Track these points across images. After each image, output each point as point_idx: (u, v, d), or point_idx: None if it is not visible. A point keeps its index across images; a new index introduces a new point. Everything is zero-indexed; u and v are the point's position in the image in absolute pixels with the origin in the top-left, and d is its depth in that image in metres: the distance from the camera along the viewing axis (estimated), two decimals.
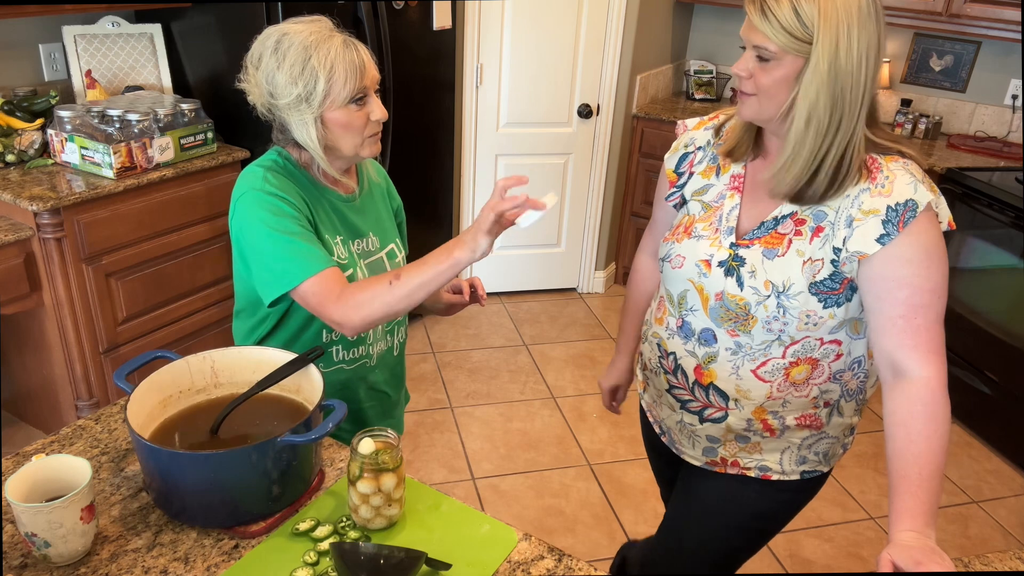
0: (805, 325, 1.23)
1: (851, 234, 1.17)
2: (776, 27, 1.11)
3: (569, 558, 1.08)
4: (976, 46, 3.58)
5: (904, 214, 1.15)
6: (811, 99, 1.12)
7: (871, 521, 2.64)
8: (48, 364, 2.52)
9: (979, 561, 1.13)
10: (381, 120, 1.34)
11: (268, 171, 1.34)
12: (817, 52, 1.10)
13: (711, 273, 1.29)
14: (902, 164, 1.19)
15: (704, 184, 1.36)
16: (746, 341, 1.29)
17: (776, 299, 1.23)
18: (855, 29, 1.09)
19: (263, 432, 1.16)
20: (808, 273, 1.21)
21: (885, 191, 1.16)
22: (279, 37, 1.28)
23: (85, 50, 2.72)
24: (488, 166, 3.72)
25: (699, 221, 1.34)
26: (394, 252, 1.52)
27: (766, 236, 1.25)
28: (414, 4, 3.03)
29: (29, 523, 0.97)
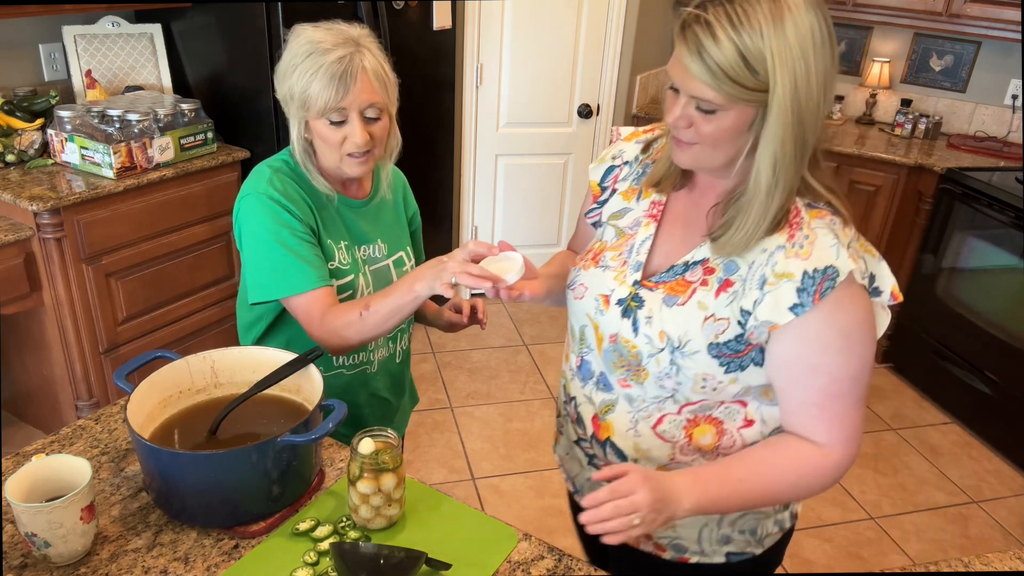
0: (702, 388, 1.07)
1: (762, 299, 1.00)
2: (720, 76, 0.92)
3: (569, 558, 1.08)
4: (976, 46, 3.58)
5: (821, 283, 0.97)
6: (776, 151, 0.96)
7: (871, 521, 2.64)
8: (48, 364, 2.52)
9: (979, 561, 1.13)
10: (359, 145, 1.30)
11: (275, 173, 1.35)
12: (776, 100, 0.93)
13: (608, 311, 1.13)
14: (828, 221, 1.01)
15: (622, 207, 1.21)
16: (638, 394, 1.12)
17: (670, 354, 1.07)
18: (812, 64, 0.93)
19: (263, 432, 1.16)
20: (709, 331, 1.04)
21: (803, 253, 0.99)
22: (299, 32, 1.31)
23: (85, 50, 2.72)
24: (488, 166, 3.72)
25: (609, 249, 1.19)
26: (402, 260, 1.50)
27: (672, 281, 1.09)
28: (414, 4, 3.03)
29: (29, 523, 0.97)
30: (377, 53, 1.32)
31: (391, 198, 1.51)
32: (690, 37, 0.93)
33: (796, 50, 0.91)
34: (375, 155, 1.36)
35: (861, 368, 1.03)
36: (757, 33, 0.90)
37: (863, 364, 1.03)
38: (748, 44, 0.91)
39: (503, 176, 3.76)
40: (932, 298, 3.32)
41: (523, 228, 3.89)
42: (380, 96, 1.30)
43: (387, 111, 1.34)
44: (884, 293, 1.05)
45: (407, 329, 1.57)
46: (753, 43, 0.91)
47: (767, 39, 0.91)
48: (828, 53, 0.94)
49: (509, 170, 3.74)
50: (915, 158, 3.30)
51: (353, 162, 1.33)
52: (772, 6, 0.91)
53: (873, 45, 3.85)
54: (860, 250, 1.03)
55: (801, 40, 0.92)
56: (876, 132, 3.70)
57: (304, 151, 1.36)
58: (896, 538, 2.57)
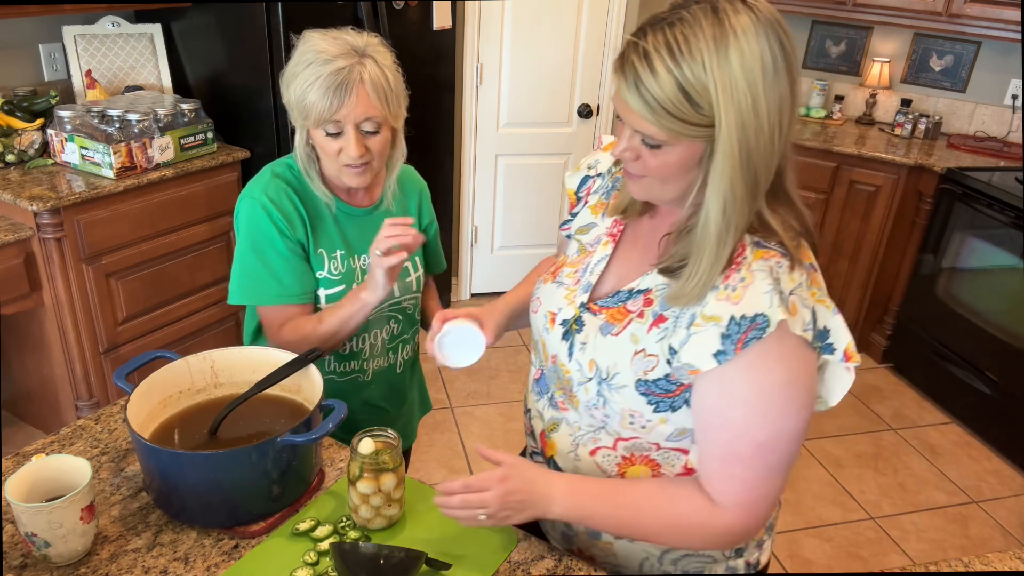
0: (630, 424, 1.01)
1: (687, 339, 0.93)
2: (660, 112, 0.85)
3: (569, 558, 1.08)
4: (976, 46, 3.58)
5: (747, 332, 0.88)
6: (725, 194, 0.88)
7: (871, 521, 2.64)
8: (48, 364, 2.52)
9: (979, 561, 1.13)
10: (353, 158, 1.30)
11: (274, 179, 1.37)
12: (723, 138, 0.85)
13: (553, 330, 1.10)
14: (772, 264, 0.91)
15: (589, 222, 1.15)
16: (575, 419, 1.09)
17: (598, 385, 1.02)
18: (762, 97, 0.84)
19: (263, 432, 1.15)
20: (638, 367, 0.98)
21: (734, 296, 0.90)
22: (306, 39, 1.31)
23: (85, 50, 2.72)
24: (488, 166, 3.72)
25: (569, 265, 1.14)
26: (407, 270, 1.48)
27: (614, 308, 1.03)
28: (414, 4, 3.03)
29: (29, 523, 0.97)
30: (384, 64, 1.29)
31: (402, 205, 1.50)
32: (628, 69, 0.86)
33: (742, 82, 0.83)
34: (373, 167, 1.35)
35: (775, 436, 0.93)
36: (699, 64, 0.82)
37: (779, 432, 0.93)
38: (689, 76, 0.83)
39: (503, 176, 3.76)
40: (932, 298, 3.32)
41: (523, 228, 3.89)
42: (378, 110, 1.28)
43: (387, 124, 1.32)
44: (837, 351, 0.94)
45: (410, 339, 1.55)
46: (694, 75, 0.83)
47: (710, 70, 0.82)
48: (783, 81, 0.85)
49: (509, 170, 3.74)
50: (915, 158, 3.30)
51: (351, 172, 1.33)
52: (716, 31, 0.83)
53: (873, 45, 3.85)
54: (809, 299, 0.92)
55: (747, 71, 0.83)
56: (876, 132, 3.70)
57: (307, 157, 1.37)
58: (896, 538, 2.57)
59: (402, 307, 1.50)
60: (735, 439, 0.94)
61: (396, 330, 1.51)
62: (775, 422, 0.92)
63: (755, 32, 0.83)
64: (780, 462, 0.95)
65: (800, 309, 0.90)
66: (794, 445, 0.95)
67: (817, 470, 2.87)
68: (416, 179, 1.58)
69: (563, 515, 1.02)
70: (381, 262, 1.24)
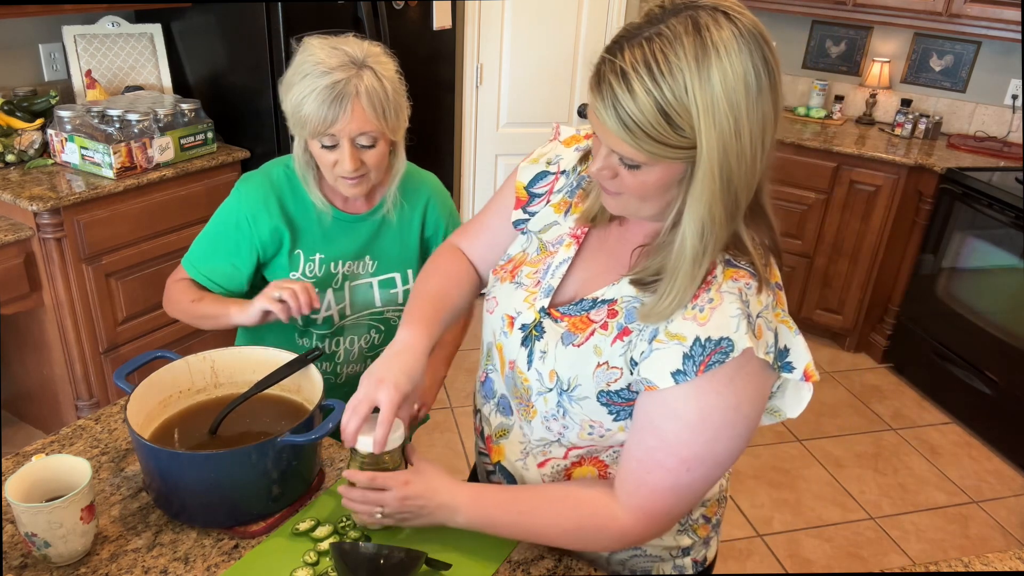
0: (588, 435, 1.00)
1: (649, 353, 0.91)
2: (639, 135, 0.81)
3: (569, 558, 1.08)
4: (976, 46, 3.58)
5: (711, 355, 0.87)
6: (704, 217, 0.84)
7: (871, 521, 2.64)
8: (48, 364, 2.52)
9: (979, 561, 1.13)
10: (348, 171, 1.30)
11: (266, 175, 1.41)
12: (703, 162, 0.81)
13: (511, 335, 1.05)
14: (741, 286, 0.89)
15: (551, 220, 1.09)
16: (528, 432, 1.07)
17: (558, 396, 0.99)
18: (744, 119, 0.80)
19: (263, 432, 1.15)
20: (600, 379, 0.96)
21: (701, 317, 0.88)
22: (306, 47, 1.30)
23: (85, 50, 2.72)
24: (488, 166, 3.72)
25: (528, 264, 1.08)
26: (393, 282, 1.47)
27: (577, 316, 0.99)
28: (414, 4, 3.03)
29: (29, 523, 0.97)
30: (384, 75, 1.28)
31: (400, 215, 1.47)
32: (604, 88, 0.82)
33: (723, 104, 0.78)
34: (370, 179, 1.35)
35: (700, 456, 0.91)
36: (680, 84, 0.78)
37: (706, 454, 0.91)
38: (669, 98, 0.78)
39: (503, 176, 3.75)
40: (932, 298, 3.32)
41: None
42: (373, 124, 1.27)
43: (384, 138, 1.32)
44: (797, 370, 0.91)
45: None
46: (675, 96, 0.78)
47: (691, 92, 0.78)
48: (767, 100, 0.81)
49: (509, 170, 3.72)
50: (915, 158, 3.30)
51: (346, 183, 1.34)
52: (698, 49, 0.78)
53: (873, 45, 3.85)
54: (773, 320, 0.90)
55: (730, 92, 0.78)
56: (876, 132, 3.70)
57: (305, 164, 1.38)
58: (896, 538, 2.57)
59: (384, 318, 1.49)
60: (660, 447, 0.92)
61: (377, 340, 1.50)
62: (705, 444, 0.91)
63: (738, 49, 0.79)
64: (696, 483, 0.94)
65: (764, 332, 0.89)
66: (716, 471, 0.93)
67: (817, 470, 2.87)
68: (427, 186, 1.54)
69: (467, 524, 1.03)
70: (264, 301, 1.29)
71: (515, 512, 1.02)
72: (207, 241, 1.43)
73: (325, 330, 1.45)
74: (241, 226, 1.38)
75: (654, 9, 0.83)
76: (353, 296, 1.45)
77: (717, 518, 1.17)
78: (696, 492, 0.96)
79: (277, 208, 1.38)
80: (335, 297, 1.43)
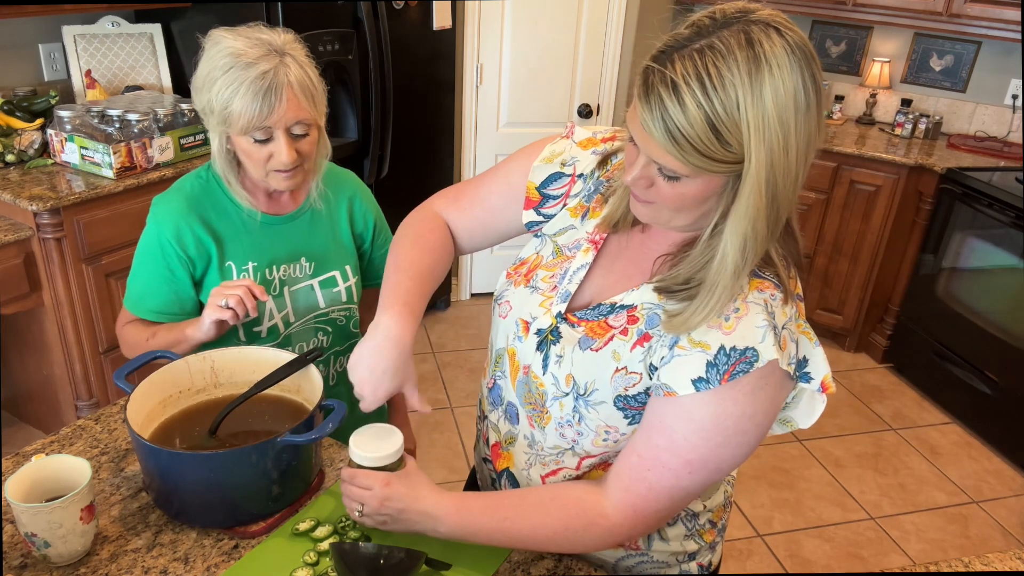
0: (604, 441, 0.99)
1: (669, 359, 0.90)
2: (687, 149, 0.79)
3: (569, 558, 1.08)
4: (976, 46, 3.58)
5: (735, 365, 0.86)
6: (747, 232, 0.84)
7: (871, 521, 2.64)
8: (48, 364, 2.52)
9: (979, 561, 1.13)
10: (285, 163, 1.26)
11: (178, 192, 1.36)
12: (750, 178, 0.80)
13: (526, 339, 1.04)
14: (767, 296, 0.89)
15: (568, 224, 1.08)
16: (539, 438, 1.05)
17: (574, 401, 0.98)
18: (792, 135, 0.79)
19: (263, 432, 1.15)
20: (619, 384, 0.95)
21: (727, 326, 0.88)
22: (217, 39, 1.26)
23: (85, 50, 2.72)
24: (488, 166, 3.70)
25: (543, 268, 1.07)
26: (334, 280, 1.43)
27: (595, 321, 0.99)
28: (414, 4, 3.03)
29: (29, 523, 0.97)
30: (303, 61, 1.26)
31: (327, 210, 1.44)
32: (653, 98, 0.79)
33: (775, 120, 0.78)
34: (304, 169, 1.32)
35: (705, 461, 0.90)
36: (732, 100, 0.77)
37: (711, 459, 0.90)
38: (720, 113, 0.77)
39: None
40: (932, 298, 3.32)
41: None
42: (307, 111, 1.25)
43: (315, 124, 1.29)
44: (814, 380, 0.92)
45: (344, 352, 1.50)
46: (727, 112, 0.77)
47: (743, 107, 0.77)
48: (813, 117, 0.80)
49: None
50: (915, 158, 3.30)
51: (280, 177, 1.30)
52: (751, 64, 0.77)
53: (873, 45, 3.85)
54: (795, 331, 0.91)
55: (781, 108, 0.78)
56: (876, 132, 3.70)
57: (227, 163, 1.32)
58: (896, 538, 2.57)
59: (330, 318, 1.45)
60: (666, 447, 0.91)
61: (326, 343, 1.46)
62: (714, 449, 0.90)
63: (790, 66, 0.78)
64: (693, 486, 0.93)
65: (788, 343, 0.89)
66: (715, 476, 0.93)
67: (817, 470, 2.87)
68: (350, 183, 1.50)
69: (450, 534, 1.00)
70: (212, 312, 1.23)
71: (499, 518, 0.98)
72: (139, 276, 1.37)
73: (271, 341, 1.39)
74: (166, 248, 1.33)
75: (703, 20, 0.81)
76: (295, 301, 1.40)
77: (723, 523, 1.17)
78: (690, 496, 0.95)
79: (197, 221, 1.33)
80: (276, 305, 1.38)
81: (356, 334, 1.51)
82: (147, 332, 1.35)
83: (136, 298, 1.38)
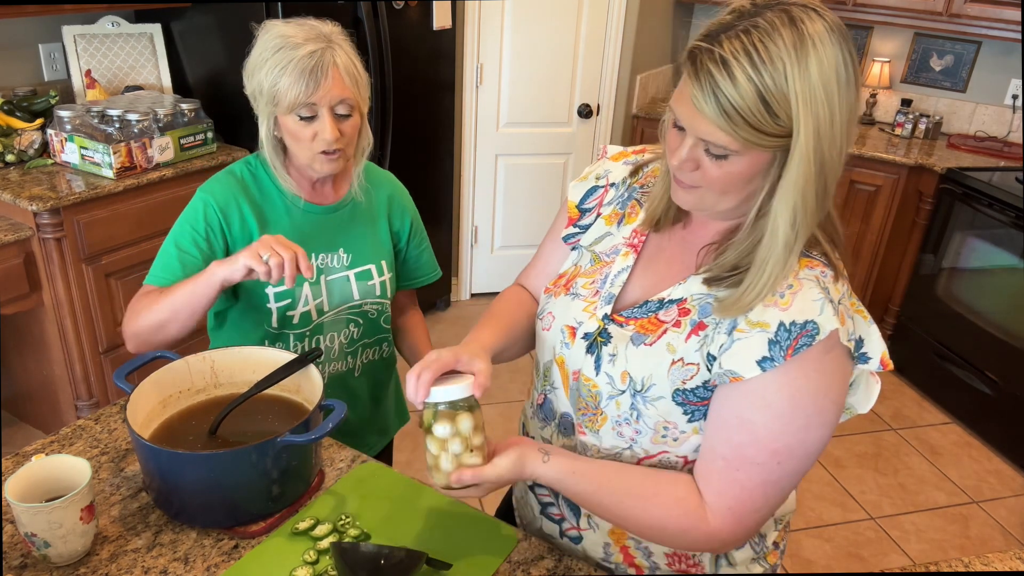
0: (662, 438, 0.98)
1: (729, 346, 0.91)
2: (738, 122, 0.82)
3: (569, 558, 1.08)
4: (976, 46, 3.58)
5: (798, 339, 0.87)
6: (796, 203, 0.86)
7: (871, 521, 2.64)
8: (48, 364, 2.52)
9: (979, 561, 1.13)
10: (329, 142, 1.28)
11: (228, 174, 1.39)
12: (799, 148, 0.83)
13: (573, 345, 1.04)
14: (818, 273, 0.90)
15: (604, 232, 1.10)
16: (593, 443, 1.04)
17: (631, 398, 0.98)
18: (837, 107, 0.83)
19: (263, 432, 1.15)
20: (676, 377, 0.95)
21: (783, 303, 0.88)
22: (268, 27, 1.30)
23: (85, 50, 2.72)
24: (488, 166, 3.72)
25: (582, 276, 1.09)
26: (369, 273, 1.45)
27: (645, 318, 0.99)
28: (414, 4, 3.03)
29: (29, 523, 0.97)
30: (349, 50, 1.30)
31: (372, 206, 1.46)
32: (703, 75, 0.82)
33: (820, 92, 0.81)
34: (346, 154, 1.34)
35: (792, 447, 0.89)
36: (780, 72, 0.80)
37: (797, 444, 0.89)
38: (770, 85, 0.80)
39: (503, 176, 3.76)
40: (932, 298, 3.32)
41: (523, 228, 3.89)
42: (351, 92, 1.29)
43: (359, 108, 1.32)
44: (873, 360, 0.92)
45: (373, 345, 1.51)
46: (776, 84, 0.80)
47: (791, 79, 0.80)
48: (853, 91, 0.84)
49: (509, 170, 3.74)
50: (915, 158, 3.30)
51: (324, 159, 1.32)
52: (796, 40, 0.81)
53: (873, 45, 3.85)
54: (850, 310, 0.92)
55: (826, 80, 0.81)
56: (876, 132, 3.70)
57: (274, 148, 1.35)
58: (896, 538, 2.57)
59: (363, 311, 1.46)
60: (750, 442, 0.90)
61: (356, 334, 1.47)
62: (797, 433, 0.89)
63: (830, 41, 0.82)
64: (786, 477, 0.91)
65: (846, 319, 0.89)
66: (806, 462, 0.91)
67: (817, 470, 2.87)
68: (391, 182, 1.53)
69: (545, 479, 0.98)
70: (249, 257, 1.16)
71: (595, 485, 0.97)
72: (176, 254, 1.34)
73: (303, 328, 1.41)
74: (211, 219, 1.34)
75: (744, 5, 0.85)
76: (330, 291, 1.41)
77: (784, 544, 1.15)
78: (785, 489, 0.93)
79: (245, 201, 1.36)
80: (312, 292, 1.40)
81: (386, 329, 1.53)
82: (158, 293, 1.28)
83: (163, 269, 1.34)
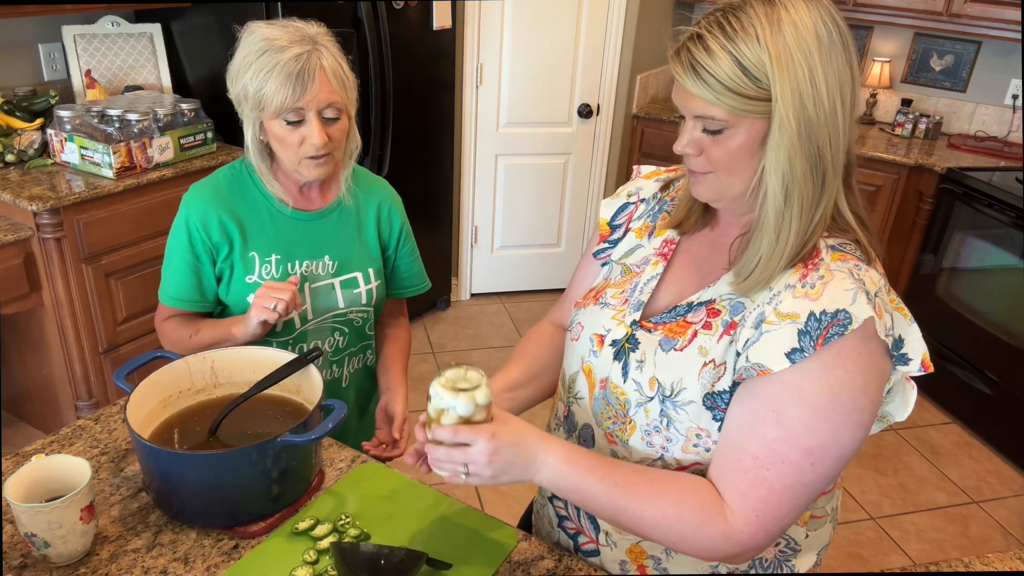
0: (694, 447, 0.95)
1: (756, 339, 0.88)
2: (719, 89, 0.85)
3: (569, 558, 1.08)
4: (976, 46, 3.58)
5: (828, 328, 0.84)
6: (783, 168, 0.86)
7: (871, 521, 2.64)
8: (48, 364, 2.52)
9: (979, 561, 1.13)
10: (317, 147, 1.27)
11: (210, 182, 1.39)
12: (779, 108, 0.84)
13: (601, 352, 1.03)
14: (851, 266, 0.88)
15: (634, 245, 1.11)
16: (623, 453, 1.01)
17: (660, 404, 0.95)
18: (819, 67, 0.84)
19: (263, 432, 1.15)
20: (707, 379, 0.92)
21: (813, 292, 0.87)
22: (252, 29, 1.29)
23: (85, 50, 2.72)
24: (488, 166, 3.72)
25: (612, 287, 1.09)
26: (355, 281, 1.43)
27: (673, 323, 0.98)
28: (414, 4, 3.03)
29: (29, 523, 0.97)
30: (335, 52, 1.28)
31: (356, 209, 1.44)
32: (683, 53, 0.87)
33: (797, 52, 0.83)
34: (334, 158, 1.32)
35: (826, 445, 0.86)
36: (752, 38, 0.84)
37: (832, 442, 0.86)
38: (745, 51, 0.84)
39: (503, 176, 3.76)
40: (932, 298, 3.31)
41: (523, 228, 3.89)
42: (339, 95, 1.27)
43: (346, 111, 1.31)
44: (914, 361, 0.88)
45: (359, 354, 1.50)
46: (750, 49, 0.84)
47: (764, 42, 0.83)
48: (840, 55, 0.85)
49: (509, 170, 3.74)
50: (915, 158, 3.30)
51: (312, 164, 1.30)
52: (767, 9, 0.85)
53: (873, 45, 3.85)
54: (889, 305, 0.89)
55: (802, 42, 0.83)
56: (876, 132, 3.70)
57: (260, 153, 1.34)
58: (896, 538, 2.57)
59: (348, 319, 1.45)
60: (783, 438, 0.86)
61: (341, 343, 1.46)
62: (833, 430, 0.85)
63: (806, 8, 0.85)
64: (817, 478, 0.87)
65: (884, 314, 0.86)
66: (838, 464, 0.88)
67: None
68: (382, 189, 1.50)
69: (553, 480, 0.92)
70: (258, 312, 1.26)
71: (608, 484, 0.91)
72: (171, 266, 1.39)
73: (286, 336, 1.39)
74: (192, 233, 1.35)
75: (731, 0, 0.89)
76: (315, 299, 1.40)
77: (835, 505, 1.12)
78: (813, 493, 0.89)
79: (224, 208, 1.35)
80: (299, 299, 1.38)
81: (371, 337, 1.52)
82: (190, 329, 1.37)
83: (169, 288, 1.40)
